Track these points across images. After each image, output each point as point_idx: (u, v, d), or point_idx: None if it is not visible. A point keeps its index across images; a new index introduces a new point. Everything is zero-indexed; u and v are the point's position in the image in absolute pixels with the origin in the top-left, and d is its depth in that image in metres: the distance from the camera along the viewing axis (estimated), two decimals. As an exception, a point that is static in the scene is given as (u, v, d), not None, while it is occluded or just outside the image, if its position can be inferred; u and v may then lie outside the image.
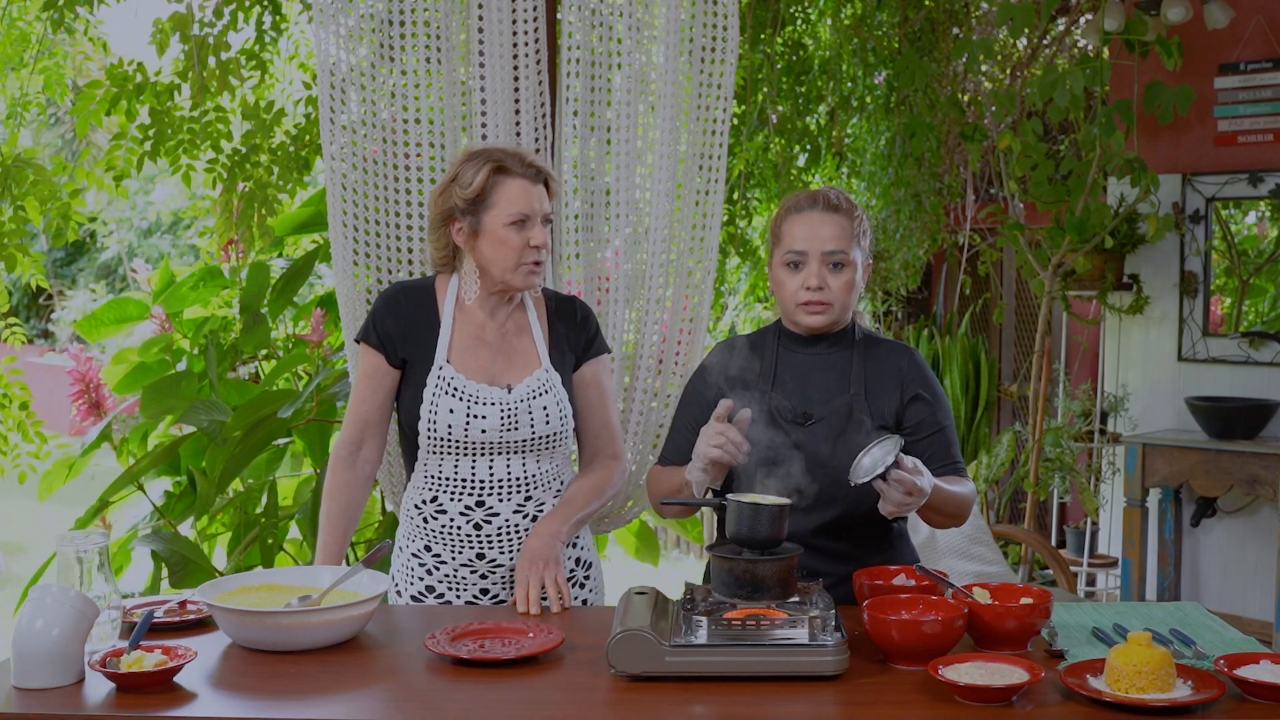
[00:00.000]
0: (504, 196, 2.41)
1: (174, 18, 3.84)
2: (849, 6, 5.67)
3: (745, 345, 2.49)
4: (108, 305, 4.30)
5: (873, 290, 5.81)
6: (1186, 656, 2.01)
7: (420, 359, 2.47)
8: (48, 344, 15.04)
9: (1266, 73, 4.94)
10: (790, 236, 2.39)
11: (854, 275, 2.39)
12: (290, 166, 3.96)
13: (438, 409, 2.43)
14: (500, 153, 2.45)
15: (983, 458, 5.54)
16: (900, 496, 2.09)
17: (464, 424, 2.43)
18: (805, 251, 2.36)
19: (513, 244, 2.42)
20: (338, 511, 2.50)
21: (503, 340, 2.51)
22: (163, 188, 14.61)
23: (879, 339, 2.49)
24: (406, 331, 2.48)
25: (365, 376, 2.51)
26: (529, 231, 2.42)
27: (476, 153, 2.46)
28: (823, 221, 2.37)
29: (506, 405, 2.44)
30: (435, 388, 2.44)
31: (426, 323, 2.49)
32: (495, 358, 2.49)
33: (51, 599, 1.96)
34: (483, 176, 2.40)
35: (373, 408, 2.51)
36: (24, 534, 8.26)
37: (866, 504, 2.25)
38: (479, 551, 2.48)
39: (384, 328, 2.48)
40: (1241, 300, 5.14)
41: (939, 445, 2.39)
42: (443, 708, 1.88)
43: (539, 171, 2.46)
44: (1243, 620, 4.88)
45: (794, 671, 1.91)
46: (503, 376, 2.48)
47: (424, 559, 2.52)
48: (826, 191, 2.43)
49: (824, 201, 2.40)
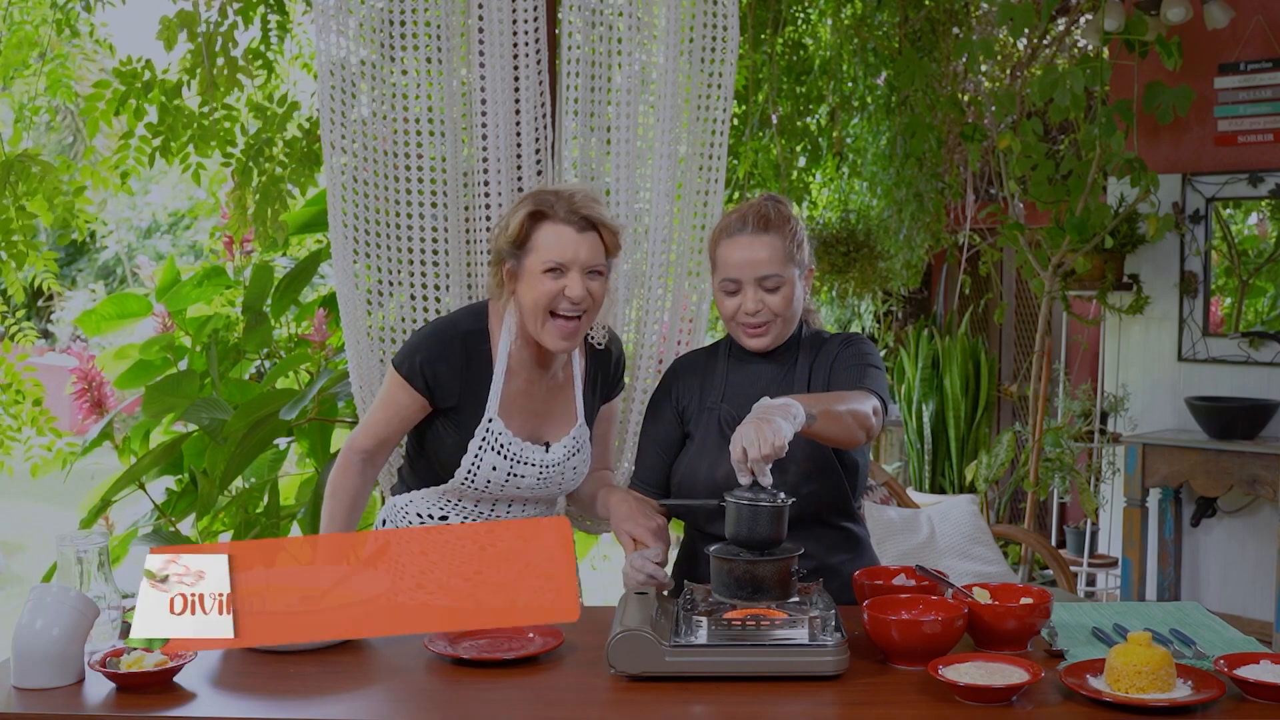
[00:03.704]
0: (541, 242, 2.34)
1: (181, 15, 3.83)
2: (849, 6, 5.67)
3: (699, 359, 2.51)
4: (109, 300, 4.30)
5: (873, 290, 5.81)
6: (1186, 656, 2.01)
7: (469, 406, 2.42)
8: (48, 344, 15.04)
9: (1266, 73, 4.94)
10: (724, 264, 2.37)
11: (792, 290, 2.37)
12: (303, 161, 3.94)
13: (481, 463, 2.41)
14: (546, 197, 2.36)
15: (983, 458, 5.54)
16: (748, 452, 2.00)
17: (504, 480, 2.43)
18: (739, 279, 2.35)
19: (544, 290, 2.33)
20: (342, 511, 2.48)
21: (547, 394, 2.49)
22: (159, 189, 14.61)
23: (826, 337, 2.48)
24: (459, 383, 2.42)
25: (398, 407, 2.44)
26: (565, 280, 2.33)
27: (526, 194, 2.41)
28: (753, 245, 2.34)
29: (545, 466, 2.45)
30: (482, 441, 2.41)
31: (481, 372, 2.43)
32: (537, 412, 2.48)
33: (51, 599, 1.96)
34: (519, 221, 2.34)
35: (395, 431, 2.48)
36: (24, 534, 8.27)
37: (812, 508, 2.31)
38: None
39: (434, 373, 2.41)
40: (1241, 300, 5.14)
41: (848, 372, 2.34)
42: (443, 708, 1.88)
43: (588, 222, 2.35)
44: (1243, 620, 4.87)
45: (794, 671, 1.91)
46: (542, 432, 2.47)
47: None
48: (757, 207, 2.38)
49: (753, 223, 2.35)
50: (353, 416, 3.46)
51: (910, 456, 6.53)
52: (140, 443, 3.88)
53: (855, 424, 2.18)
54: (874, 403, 2.25)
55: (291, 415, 3.36)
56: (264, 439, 3.49)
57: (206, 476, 3.58)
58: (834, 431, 2.16)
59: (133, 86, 3.84)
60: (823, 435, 2.16)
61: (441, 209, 2.89)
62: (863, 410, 2.20)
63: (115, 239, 14.48)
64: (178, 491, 3.81)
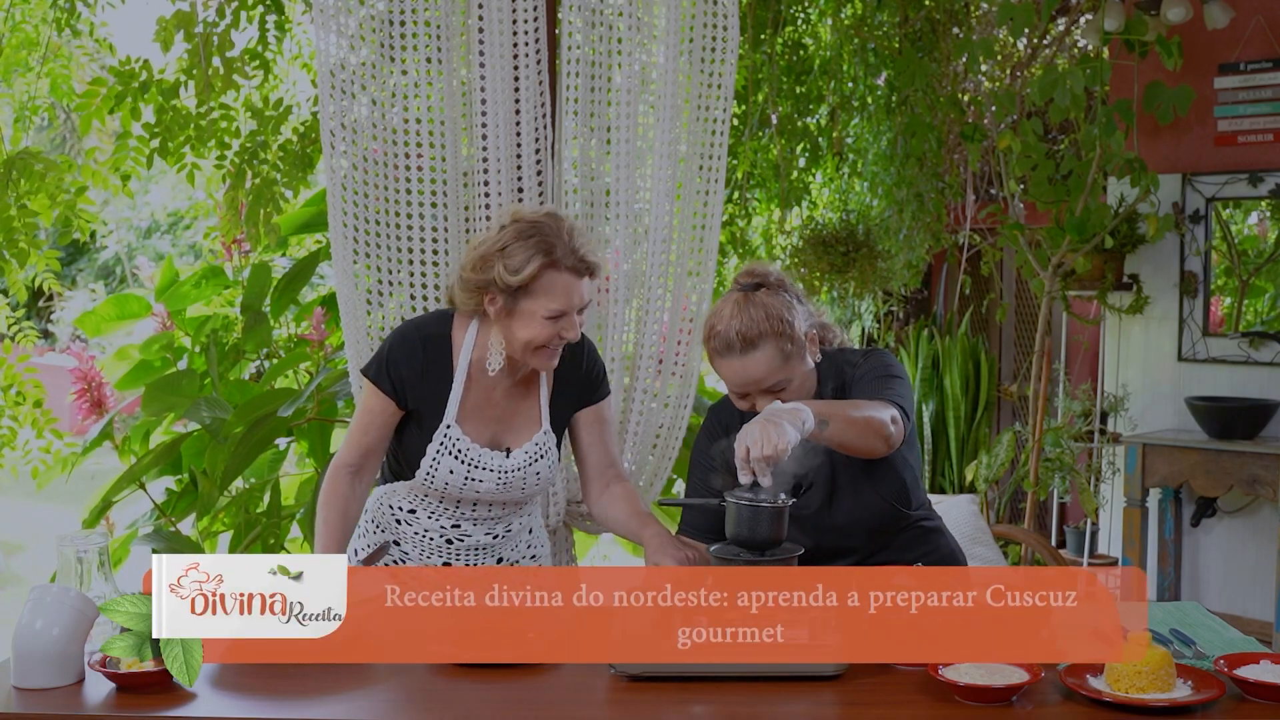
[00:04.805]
0: (546, 290, 2.32)
1: (178, 15, 3.84)
2: (849, 6, 5.67)
3: (733, 408, 2.44)
4: (109, 301, 4.31)
5: (873, 290, 5.81)
6: (1186, 656, 2.01)
7: (429, 410, 2.43)
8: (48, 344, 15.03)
9: (1266, 73, 4.94)
10: (725, 379, 2.35)
11: (801, 377, 2.33)
12: (296, 164, 3.95)
13: (438, 467, 2.42)
14: (554, 240, 2.32)
15: (983, 458, 5.54)
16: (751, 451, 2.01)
17: (461, 484, 2.43)
18: (746, 393, 2.34)
19: (542, 333, 2.34)
20: (335, 518, 2.46)
21: (509, 400, 2.48)
22: (159, 189, 14.61)
23: (846, 356, 2.43)
24: (420, 384, 2.42)
25: (370, 413, 2.46)
26: (563, 324, 2.34)
27: (528, 229, 2.33)
28: (745, 366, 2.30)
29: (504, 471, 2.44)
30: (440, 445, 2.42)
31: (440, 377, 2.43)
32: (499, 418, 2.47)
33: (51, 599, 1.96)
34: (534, 269, 2.30)
35: (375, 440, 2.48)
36: (24, 534, 8.26)
37: (862, 555, 2.33)
38: (446, 561, 2.51)
39: (398, 374, 2.42)
40: (1241, 300, 5.14)
41: (868, 383, 2.32)
42: (443, 708, 1.88)
43: (588, 266, 2.36)
44: (1243, 620, 4.87)
45: (794, 671, 1.91)
46: (503, 438, 2.47)
47: (393, 552, 2.55)
48: (739, 326, 2.29)
49: (740, 345, 2.28)
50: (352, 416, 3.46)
51: (910, 456, 6.52)
52: (140, 443, 3.89)
53: (871, 432, 2.16)
54: (892, 412, 2.21)
55: (290, 414, 3.36)
56: (264, 439, 3.49)
57: (206, 476, 3.58)
58: (850, 439, 2.14)
59: (129, 86, 3.84)
60: (838, 442, 2.14)
61: (441, 209, 2.89)
62: (880, 418, 2.17)
63: (115, 239, 14.49)
64: (178, 491, 3.81)
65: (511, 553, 2.59)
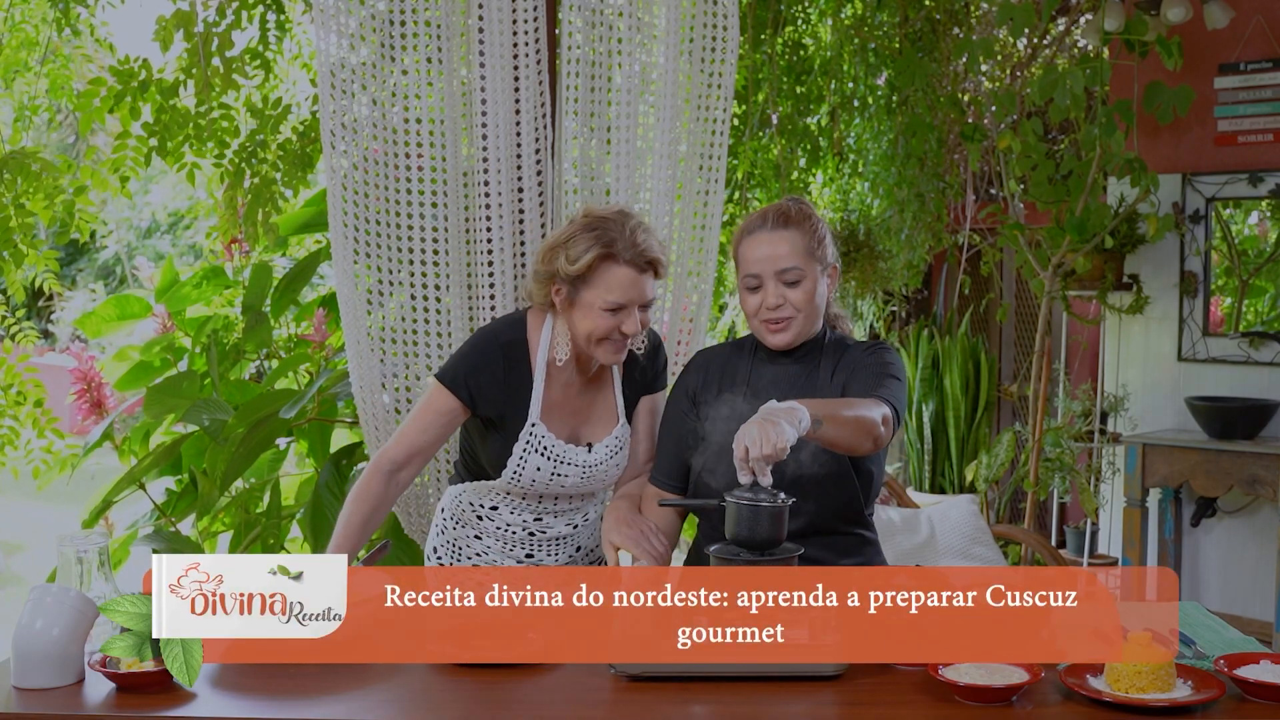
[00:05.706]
0: (604, 282, 2.38)
1: (177, 14, 3.83)
2: (849, 6, 5.67)
3: (722, 354, 2.50)
4: (109, 301, 4.30)
5: (874, 290, 5.81)
6: (1186, 656, 2.01)
7: (512, 413, 2.47)
8: (48, 344, 15.04)
9: (1266, 73, 4.94)
10: (745, 260, 2.39)
11: (813, 286, 2.37)
12: (295, 164, 3.95)
13: (525, 465, 2.47)
14: (610, 234, 2.39)
15: (983, 458, 5.54)
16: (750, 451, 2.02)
17: (547, 480, 2.48)
18: (759, 274, 2.36)
19: (601, 325, 2.40)
20: (359, 519, 2.44)
21: (586, 396, 2.54)
22: (159, 189, 14.61)
23: (850, 343, 2.47)
24: (500, 391, 2.46)
25: (437, 414, 2.47)
26: (622, 317, 2.40)
27: (593, 224, 2.40)
28: (773, 240, 2.36)
29: (588, 465, 2.51)
30: (526, 444, 2.46)
31: (521, 381, 2.48)
32: (577, 412, 2.53)
33: (52, 599, 1.96)
34: (589, 259, 2.37)
35: (431, 441, 2.49)
36: (24, 534, 8.27)
37: (831, 510, 2.33)
38: (529, 552, 2.56)
39: (477, 383, 2.46)
40: (1241, 300, 5.14)
41: (866, 379, 2.34)
42: (443, 708, 1.88)
43: (649, 262, 2.41)
44: (1243, 620, 4.88)
45: (794, 671, 1.91)
46: (584, 433, 2.54)
47: (474, 546, 2.58)
48: (778, 205, 2.40)
49: (774, 219, 2.37)
50: (352, 416, 3.46)
51: (910, 456, 6.53)
52: (140, 443, 3.88)
53: (862, 431, 2.18)
54: (885, 411, 2.23)
55: (291, 415, 3.36)
56: (264, 439, 3.49)
57: (207, 477, 3.58)
58: (841, 438, 2.16)
59: (129, 85, 3.84)
60: (829, 441, 2.15)
61: (441, 209, 2.90)
62: (871, 418, 2.19)
63: (115, 239, 14.48)
64: (178, 492, 3.81)
65: (589, 540, 2.64)
